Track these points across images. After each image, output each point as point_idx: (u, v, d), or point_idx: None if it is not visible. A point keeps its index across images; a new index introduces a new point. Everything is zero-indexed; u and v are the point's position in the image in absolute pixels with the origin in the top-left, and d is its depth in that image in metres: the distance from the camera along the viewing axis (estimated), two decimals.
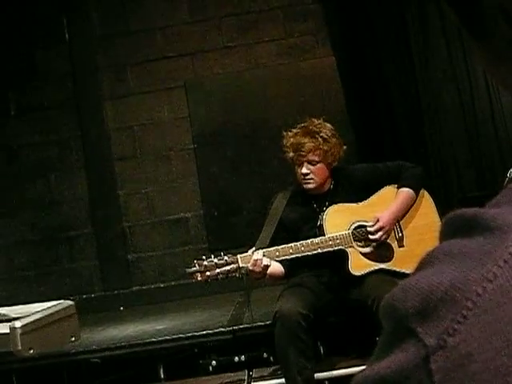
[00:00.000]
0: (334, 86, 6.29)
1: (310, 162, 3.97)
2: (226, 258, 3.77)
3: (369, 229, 3.95)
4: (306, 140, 3.95)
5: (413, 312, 0.48)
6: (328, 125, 4.06)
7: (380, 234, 3.94)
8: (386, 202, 4.02)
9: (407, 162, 4.22)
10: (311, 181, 3.99)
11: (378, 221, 3.95)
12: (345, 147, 4.07)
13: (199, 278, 3.77)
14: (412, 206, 4.06)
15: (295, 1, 6.54)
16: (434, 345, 0.47)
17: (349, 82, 6.21)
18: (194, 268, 3.77)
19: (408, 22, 5.88)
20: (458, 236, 0.51)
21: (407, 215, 4.06)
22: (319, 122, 4.07)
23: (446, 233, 0.53)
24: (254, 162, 6.45)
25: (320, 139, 3.96)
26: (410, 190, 4.03)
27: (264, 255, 3.75)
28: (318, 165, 3.98)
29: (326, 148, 3.95)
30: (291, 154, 4.01)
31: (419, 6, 5.85)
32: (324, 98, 6.32)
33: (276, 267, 3.85)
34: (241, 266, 3.76)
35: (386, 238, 3.98)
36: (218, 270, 3.75)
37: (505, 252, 0.48)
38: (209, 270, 3.75)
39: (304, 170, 3.97)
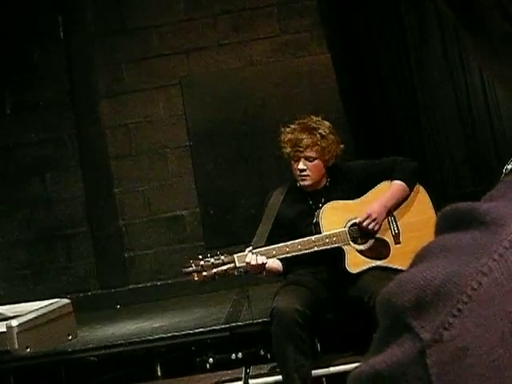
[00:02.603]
0: (329, 84, 6.29)
1: (307, 158, 3.97)
2: (222, 257, 3.77)
3: (358, 220, 3.95)
4: (304, 136, 3.95)
5: (408, 306, 0.48)
6: (326, 122, 4.06)
7: (368, 221, 3.93)
8: None
9: (403, 157, 4.22)
10: (307, 177, 3.99)
11: (366, 211, 3.95)
12: (342, 146, 4.07)
13: (196, 278, 3.77)
14: (405, 198, 4.06)
15: None
16: (430, 339, 0.47)
17: (344, 79, 6.21)
18: (191, 268, 3.77)
19: (404, 19, 5.88)
20: (452, 230, 0.51)
21: (403, 211, 4.06)
22: (317, 118, 4.07)
23: (441, 227, 0.53)
24: (249, 160, 6.45)
25: (318, 135, 3.95)
26: (402, 183, 4.02)
27: (260, 254, 3.75)
28: (315, 161, 3.98)
29: (323, 145, 3.95)
30: (288, 150, 4.01)
31: (415, 3, 5.85)
32: (319, 95, 6.31)
33: (274, 263, 3.84)
34: (238, 265, 3.75)
35: (377, 229, 3.97)
36: (214, 270, 3.75)
37: (499, 246, 0.48)
38: (205, 270, 3.75)
39: (301, 166, 3.97)
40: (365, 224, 3.93)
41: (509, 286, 0.47)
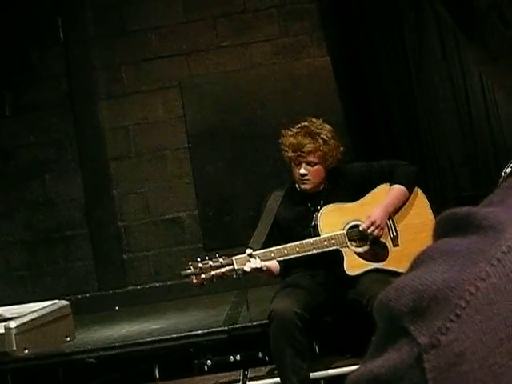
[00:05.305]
0: (328, 86, 6.29)
1: (308, 163, 3.96)
2: (220, 259, 3.76)
3: (362, 227, 3.95)
4: (307, 141, 3.94)
5: (406, 311, 0.48)
6: (328, 126, 4.05)
7: (372, 229, 3.93)
8: (380, 200, 4.02)
9: (402, 161, 4.22)
10: (308, 181, 3.99)
11: (369, 217, 3.95)
12: (342, 148, 4.07)
13: (194, 281, 3.76)
14: (405, 202, 4.06)
15: (290, 0, 6.53)
16: (427, 343, 0.47)
17: (344, 81, 6.22)
18: (189, 271, 3.76)
19: (403, 22, 5.89)
20: (451, 235, 0.51)
21: (402, 214, 4.06)
22: (319, 122, 4.06)
23: (440, 232, 0.53)
24: (249, 162, 6.44)
25: (320, 141, 3.94)
26: (402, 187, 4.02)
27: (258, 257, 3.75)
28: (316, 166, 3.97)
29: (325, 150, 3.94)
30: (290, 154, 4.00)
31: (415, 5, 5.85)
32: (319, 97, 6.31)
33: (272, 265, 3.84)
34: (236, 268, 3.75)
35: (380, 234, 3.97)
36: (213, 273, 3.74)
37: (498, 251, 0.48)
38: (204, 273, 3.74)
39: (302, 171, 3.96)
40: (369, 230, 3.93)
41: (507, 291, 0.47)
